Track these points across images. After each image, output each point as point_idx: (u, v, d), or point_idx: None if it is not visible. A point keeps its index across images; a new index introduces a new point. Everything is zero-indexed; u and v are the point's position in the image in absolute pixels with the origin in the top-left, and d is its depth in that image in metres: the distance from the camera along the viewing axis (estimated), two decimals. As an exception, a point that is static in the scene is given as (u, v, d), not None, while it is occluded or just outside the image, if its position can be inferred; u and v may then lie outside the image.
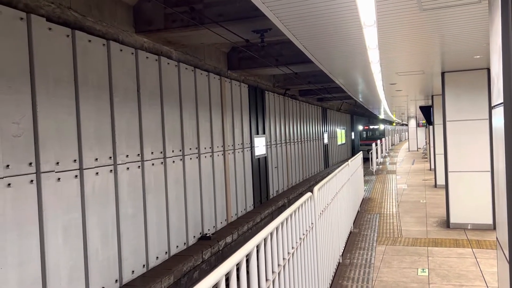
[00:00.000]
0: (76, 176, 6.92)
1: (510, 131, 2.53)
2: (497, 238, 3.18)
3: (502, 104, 2.57)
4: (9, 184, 5.72)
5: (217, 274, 1.99)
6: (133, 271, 8.18)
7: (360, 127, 48.72)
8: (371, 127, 48.53)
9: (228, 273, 2.15)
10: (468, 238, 7.20)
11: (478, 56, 6.56)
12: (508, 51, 2.49)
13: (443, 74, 8.00)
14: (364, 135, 47.93)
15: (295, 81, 17.26)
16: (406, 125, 46.32)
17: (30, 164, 6.06)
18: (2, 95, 5.70)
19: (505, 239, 2.77)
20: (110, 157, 7.72)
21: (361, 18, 4.18)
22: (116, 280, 7.74)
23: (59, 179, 6.56)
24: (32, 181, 6.09)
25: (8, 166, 5.71)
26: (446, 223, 8.09)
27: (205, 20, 8.11)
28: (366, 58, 6.48)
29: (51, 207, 6.39)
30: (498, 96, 2.76)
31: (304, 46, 5.61)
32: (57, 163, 6.53)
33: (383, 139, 33.81)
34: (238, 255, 2.28)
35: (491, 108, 3.52)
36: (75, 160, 6.89)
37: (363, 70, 8.02)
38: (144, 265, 8.57)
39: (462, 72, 7.81)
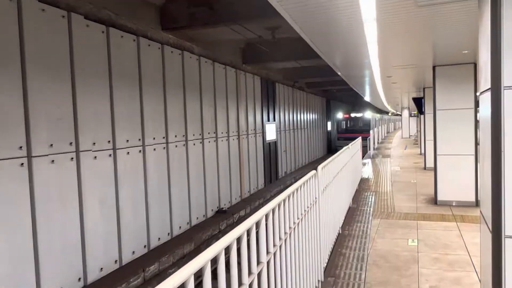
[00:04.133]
0: (110, 155, 6.98)
1: (495, 113, 2.46)
2: (481, 212, 3.12)
3: (490, 90, 2.50)
4: (52, 161, 5.80)
5: (230, 237, 1.97)
6: (159, 238, 8.28)
7: (340, 115, 34.40)
8: (353, 115, 34.36)
9: (239, 238, 2.13)
10: (453, 214, 7.11)
11: (466, 51, 6.40)
12: (496, 41, 2.41)
13: (434, 68, 7.84)
14: (344, 127, 34.40)
15: (303, 74, 17.12)
16: (400, 115, 44.90)
17: (71, 143, 6.14)
18: (48, 83, 5.76)
19: (488, 213, 2.72)
20: (139, 139, 7.77)
21: (362, 14, 4.09)
22: (145, 246, 7.84)
23: (95, 157, 6.62)
24: (72, 158, 6.17)
25: (51, 145, 5.79)
26: (434, 200, 8.00)
27: (223, 18, 8.04)
28: (366, 52, 6.37)
29: (88, 182, 6.47)
30: (485, 83, 2.68)
31: (311, 40, 5.52)
32: (94, 143, 6.59)
33: (370, 132, 24.21)
34: (249, 222, 2.25)
35: (478, 95, 3.43)
36: (109, 141, 6.95)
37: (363, 62, 7.90)
38: (168, 233, 8.67)
39: (451, 66, 7.64)
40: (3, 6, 5.17)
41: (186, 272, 1.55)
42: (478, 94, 3.21)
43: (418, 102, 15.87)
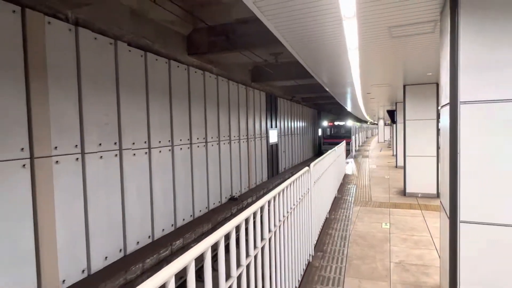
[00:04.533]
0: (146, 152, 7.01)
1: (453, 123, 2.45)
2: (440, 202, 3.10)
3: (448, 104, 2.49)
4: (101, 157, 5.84)
5: (239, 218, 1.98)
6: (183, 219, 8.30)
7: (325, 123, 30.80)
8: (337, 123, 31.00)
9: (247, 219, 2.13)
10: (419, 203, 7.04)
11: (430, 74, 6.36)
12: (454, 65, 2.40)
13: (404, 86, 7.80)
14: (328, 133, 30.99)
15: (299, 90, 17.08)
16: (377, 124, 44.28)
17: (115, 143, 6.17)
18: (98, 96, 5.80)
19: (447, 203, 2.70)
20: (169, 140, 7.79)
21: (347, 44, 4.08)
22: (172, 225, 7.86)
23: (134, 154, 6.66)
24: (116, 155, 6.20)
25: (100, 144, 5.83)
26: (403, 192, 7.94)
27: (237, 46, 8.06)
28: (349, 73, 6.35)
29: (128, 174, 6.50)
30: (445, 98, 2.67)
31: (305, 62, 5.52)
32: (133, 143, 6.63)
33: (352, 137, 23.18)
34: (255, 207, 2.25)
35: (439, 109, 3.40)
36: (145, 142, 6.98)
37: (347, 82, 7.87)
38: (191, 215, 8.68)
39: (418, 85, 7.60)
40: (65, 35, 5.23)
41: (205, 245, 1.56)
42: (439, 108, 3.19)
43: (391, 114, 15.75)
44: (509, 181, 2.29)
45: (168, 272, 1.26)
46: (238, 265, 2.02)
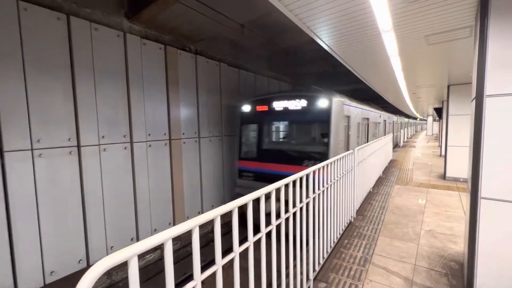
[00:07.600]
0: (219, 139, 7.29)
1: (478, 113, 2.09)
2: (467, 182, 2.68)
3: (475, 97, 2.13)
4: (210, 140, 6.32)
5: (297, 175, 2.06)
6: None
7: (247, 107, 5.48)
8: (283, 105, 5.08)
9: (301, 177, 2.19)
10: (457, 186, 6.01)
11: (472, 74, 5.28)
12: (482, 64, 2.03)
13: (448, 86, 6.64)
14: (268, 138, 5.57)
15: (354, 93, 15.80)
16: (426, 120, 38.16)
17: (219, 131, 6.65)
18: (209, 99, 6.24)
19: (470, 182, 2.35)
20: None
21: (387, 51, 3.71)
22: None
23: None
24: (220, 140, 6.59)
25: (210, 131, 6.37)
26: (443, 176, 6.84)
27: (302, 61, 7.85)
28: (394, 76, 5.71)
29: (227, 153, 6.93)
30: (474, 93, 2.28)
31: (355, 70, 5.16)
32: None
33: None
34: (314, 167, 2.33)
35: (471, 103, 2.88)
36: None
37: (394, 83, 7.06)
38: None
39: (461, 85, 6.38)
40: (189, 60, 5.77)
41: (262, 191, 1.69)
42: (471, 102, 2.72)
43: (438, 111, 13.54)
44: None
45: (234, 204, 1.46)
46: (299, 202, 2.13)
